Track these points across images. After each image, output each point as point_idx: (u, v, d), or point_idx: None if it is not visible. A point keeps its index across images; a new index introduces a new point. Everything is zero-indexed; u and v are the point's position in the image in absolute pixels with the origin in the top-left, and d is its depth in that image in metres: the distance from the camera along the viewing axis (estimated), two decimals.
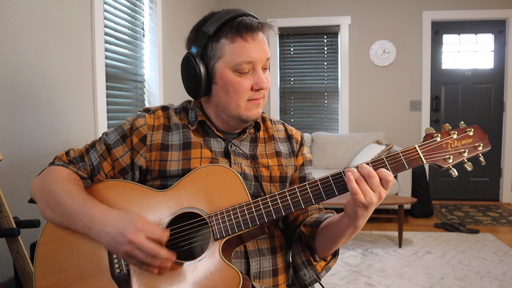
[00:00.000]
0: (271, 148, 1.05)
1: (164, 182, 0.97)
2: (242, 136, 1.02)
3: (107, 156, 0.98)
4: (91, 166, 0.97)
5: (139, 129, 0.98)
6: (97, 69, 2.12)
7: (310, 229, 0.98)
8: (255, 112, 0.96)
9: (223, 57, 0.91)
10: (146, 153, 0.97)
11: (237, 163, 0.99)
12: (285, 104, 4.91)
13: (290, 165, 1.06)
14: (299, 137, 1.12)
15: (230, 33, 0.90)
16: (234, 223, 0.86)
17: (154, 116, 1.01)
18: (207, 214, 0.88)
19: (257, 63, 0.92)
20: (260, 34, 0.92)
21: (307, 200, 0.86)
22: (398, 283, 2.44)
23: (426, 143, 0.86)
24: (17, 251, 1.27)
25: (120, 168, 0.98)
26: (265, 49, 0.93)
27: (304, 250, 0.98)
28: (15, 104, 1.58)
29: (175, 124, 1.01)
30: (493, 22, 4.56)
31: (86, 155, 0.99)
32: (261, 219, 0.86)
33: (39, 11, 1.71)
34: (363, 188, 0.80)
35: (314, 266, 0.96)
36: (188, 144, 0.98)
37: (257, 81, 0.93)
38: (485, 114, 4.65)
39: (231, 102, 0.94)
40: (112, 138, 0.99)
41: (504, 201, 4.61)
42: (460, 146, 0.86)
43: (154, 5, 2.90)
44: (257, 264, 0.96)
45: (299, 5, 4.74)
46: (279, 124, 1.13)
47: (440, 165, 0.86)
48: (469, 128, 0.87)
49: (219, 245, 0.86)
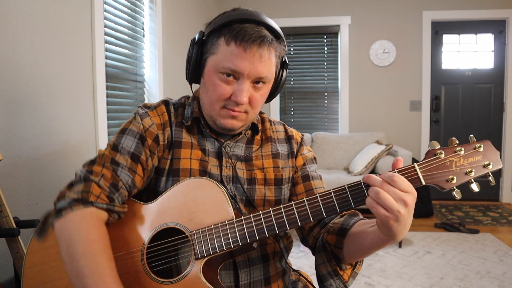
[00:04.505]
0: (267, 150, 1.02)
1: (158, 185, 0.94)
2: (238, 137, 0.99)
3: (135, 167, 0.90)
4: (128, 189, 0.89)
5: (149, 129, 0.94)
6: (97, 69, 2.12)
7: (335, 238, 0.91)
8: (229, 122, 0.91)
9: (215, 55, 0.89)
10: (159, 153, 0.94)
11: (228, 165, 0.96)
12: (285, 104, 4.91)
13: (288, 167, 1.02)
14: (299, 138, 1.08)
15: (228, 35, 0.86)
16: (215, 242, 0.82)
17: (157, 112, 0.97)
18: (189, 230, 0.84)
19: (244, 75, 0.86)
20: (256, 49, 0.85)
21: (292, 220, 0.81)
22: (398, 283, 2.44)
23: (427, 161, 0.77)
24: (17, 251, 1.27)
25: (148, 174, 0.93)
26: (257, 66, 0.86)
27: (329, 260, 0.91)
28: (15, 104, 1.58)
29: (173, 122, 0.99)
30: (493, 22, 4.56)
31: (117, 178, 0.88)
32: (243, 239, 0.82)
33: (39, 11, 1.71)
34: (384, 203, 0.72)
35: (341, 276, 0.90)
36: (178, 143, 0.95)
37: (235, 93, 0.87)
38: (485, 114, 4.65)
39: (207, 101, 0.92)
40: (131, 144, 0.91)
41: (504, 201, 4.61)
42: (466, 164, 0.76)
43: (154, 5, 2.90)
44: (247, 275, 0.92)
45: (299, 5, 4.74)
46: (279, 125, 1.09)
47: (441, 186, 0.77)
48: (479, 144, 0.77)
49: (200, 264, 0.82)
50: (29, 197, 1.64)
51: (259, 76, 0.87)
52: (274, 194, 0.98)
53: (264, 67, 0.87)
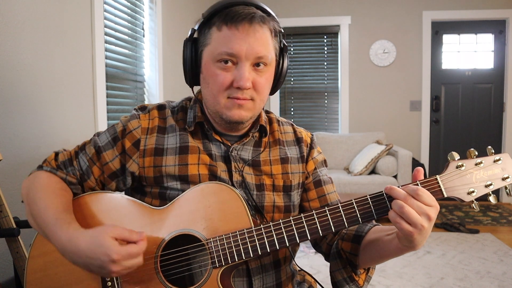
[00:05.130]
0: (275, 154, 0.97)
1: (163, 190, 0.90)
2: (245, 139, 0.94)
3: (97, 160, 0.92)
4: (80, 171, 0.92)
5: (132, 132, 0.92)
6: (97, 69, 2.12)
7: (350, 245, 0.89)
8: (236, 113, 0.86)
9: (209, 45, 0.85)
10: (139, 159, 0.91)
11: (237, 170, 0.92)
12: (285, 104, 4.91)
13: (298, 172, 0.98)
14: (308, 140, 1.03)
15: (218, 21, 0.83)
16: (234, 251, 0.80)
17: (149, 116, 0.94)
18: (205, 238, 0.82)
19: (241, 57, 0.82)
20: (248, 25, 0.81)
21: (313, 231, 0.79)
22: (398, 283, 2.44)
23: (449, 174, 0.76)
24: (17, 251, 1.27)
25: (110, 172, 0.92)
26: (253, 44, 0.81)
27: (344, 266, 0.90)
28: (15, 104, 1.58)
29: (171, 126, 0.94)
30: (493, 22, 4.56)
31: (75, 159, 0.93)
32: (263, 249, 0.79)
33: (39, 11, 1.71)
34: (407, 216, 0.71)
35: (356, 282, 0.89)
36: (185, 148, 0.91)
37: (236, 78, 0.82)
38: (485, 114, 4.65)
39: (211, 96, 0.87)
40: (103, 140, 0.94)
41: (504, 201, 4.61)
42: (486, 177, 0.76)
43: (154, 5, 2.90)
44: (260, 281, 0.91)
45: (299, 5, 4.74)
46: (287, 125, 1.05)
47: (462, 199, 0.76)
48: (498, 157, 0.77)
49: (218, 272, 0.80)
50: None
51: (257, 56, 0.83)
52: (283, 200, 0.95)
53: (261, 45, 0.83)
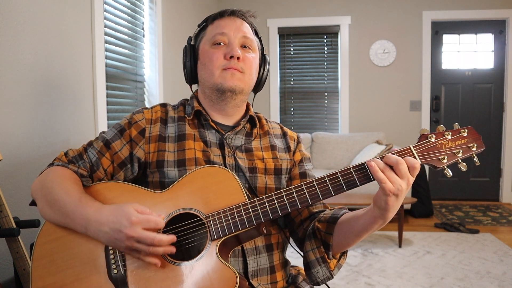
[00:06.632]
0: (266, 142, 1.08)
1: (162, 177, 0.97)
2: (237, 128, 1.05)
3: (106, 152, 0.99)
4: (90, 163, 0.99)
5: (138, 122, 1.01)
6: (97, 69, 2.12)
7: (326, 225, 0.96)
8: (230, 81, 0.99)
9: (205, 37, 1.04)
10: (145, 145, 1.00)
11: (230, 155, 1.01)
12: (285, 104, 4.91)
13: (286, 159, 1.08)
14: (295, 136, 1.15)
15: (211, 21, 1.04)
16: (231, 223, 0.87)
17: (152, 111, 1.05)
18: (204, 214, 0.88)
19: (231, 36, 1.01)
20: (234, 16, 1.03)
21: (303, 200, 0.87)
22: (398, 283, 2.44)
23: (421, 144, 0.88)
24: (17, 251, 1.28)
25: (119, 161, 0.99)
26: (241, 28, 1.02)
27: (318, 246, 0.97)
28: (15, 104, 1.58)
29: (171, 117, 1.04)
30: (493, 22, 4.56)
31: (84, 153, 1.00)
32: (258, 219, 0.87)
33: (39, 11, 1.71)
34: (390, 176, 0.81)
35: (328, 264, 0.96)
36: (183, 136, 1.01)
37: (227, 50, 0.99)
38: (485, 114, 4.65)
39: (207, 72, 1.01)
40: (110, 134, 1.02)
41: (504, 201, 4.61)
42: (454, 146, 0.88)
43: (154, 5, 2.90)
44: (254, 262, 0.97)
45: (299, 5, 4.74)
46: (275, 123, 1.16)
47: (434, 165, 0.87)
48: (463, 129, 0.89)
49: (216, 245, 0.86)
50: (29, 197, 1.64)
51: (243, 35, 1.02)
52: (274, 183, 1.03)
53: (245, 27, 1.03)
